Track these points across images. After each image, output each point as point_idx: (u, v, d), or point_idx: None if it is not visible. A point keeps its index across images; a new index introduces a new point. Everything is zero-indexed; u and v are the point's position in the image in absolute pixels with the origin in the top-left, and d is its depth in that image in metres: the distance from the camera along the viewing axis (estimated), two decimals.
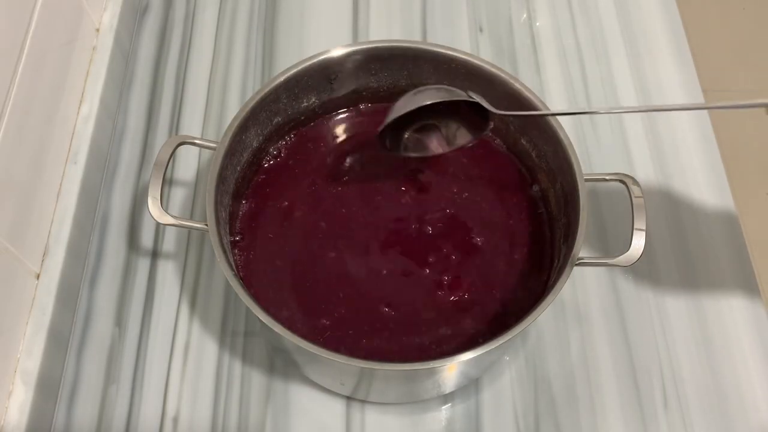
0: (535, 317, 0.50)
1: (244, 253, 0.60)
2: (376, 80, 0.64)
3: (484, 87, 0.62)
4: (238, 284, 0.51)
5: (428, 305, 0.58)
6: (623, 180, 0.56)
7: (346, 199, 0.62)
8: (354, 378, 0.56)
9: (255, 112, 0.59)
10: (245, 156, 0.61)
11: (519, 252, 0.60)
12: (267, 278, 0.59)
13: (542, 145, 0.60)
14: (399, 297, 0.58)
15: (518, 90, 0.59)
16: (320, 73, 0.61)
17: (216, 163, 0.56)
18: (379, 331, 0.57)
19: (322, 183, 0.63)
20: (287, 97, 0.61)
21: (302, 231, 0.61)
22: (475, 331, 0.57)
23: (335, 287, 0.58)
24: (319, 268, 0.59)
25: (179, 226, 0.56)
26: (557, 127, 0.57)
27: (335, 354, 0.49)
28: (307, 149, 0.65)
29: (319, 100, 0.64)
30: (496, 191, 0.63)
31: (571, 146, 0.56)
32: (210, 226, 0.53)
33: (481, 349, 0.49)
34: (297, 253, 0.60)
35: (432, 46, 0.62)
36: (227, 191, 0.58)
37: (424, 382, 0.56)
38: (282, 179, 0.63)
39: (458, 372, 0.55)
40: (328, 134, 0.66)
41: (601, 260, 0.55)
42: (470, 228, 0.61)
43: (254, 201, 0.62)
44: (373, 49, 0.62)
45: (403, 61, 0.63)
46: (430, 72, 0.63)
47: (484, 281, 0.59)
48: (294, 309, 0.57)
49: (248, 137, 0.60)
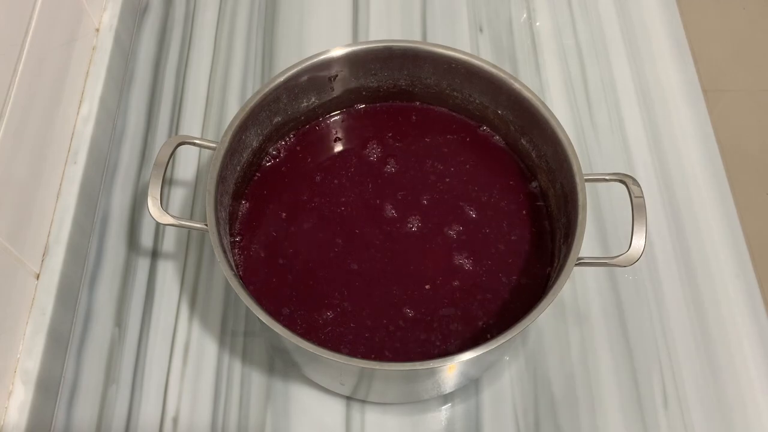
0: (535, 317, 0.50)
1: (244, 253, 0.60)
2: (376, 80, 0.64)
3: (484, 87, 0.62)
4: (238, 284, 0.51)
5: (431, 300, 0.58)
6: (623, 180, 0.56)
7: (347, 197, 0.62)
8: (354, 378, 0.56)
9: (255, 112, 0.59)
10: (245, 156, 0.61)
11: (519, 254, 0.60)
12: (267, 278, 0.59)
13: (542, 145, 0.60)
14: (401, 292, 0.58)
15: (518, 90, 0.59)
16: (320, 72, 0.61)
17: (216, 163, 0.56)
18: (382, 325, 0.57)
19: (323, 182, 0.63)
20: (287, 97, 0.61)
21: (303, 229, 0.61)
22: (477, 328, 0.57)
23: (337, 283, 0.59)
24: (321, 264, 0.59)
25: (179, 226, 0.56)
26: (557, 126, 0.57)
27: (334, 354, 0.49)
28: (307, 149, 0.65)
29: (319, 99, 0.64)
30: (496, 188, 0.63)
31: (571, 146, 0.56)
32: (210, 226, 0.53)
33: (480, 349, 0.49)
34: (298, 250, 0.60)
35: (432, 45, 0.62)
36: (227, 191, 0.58)
37: (424, 382, 0.56)
38: (282, 179, 0.63)
39: (458, 372, 0.55)
40: (328, 134, 0.66)
41: (601, 260, 0.55)
42: (470, 224, 0.61)
43: (254, 201, 0.62)
44: (372, 49, 0.62)
45: (403, 61, 0.63)
46: (430, 72, 0.63)
47: (486, 280, 0.59)
48: (294, 307, 0.57)
49: (248, 137, 0.60)
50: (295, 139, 0.65)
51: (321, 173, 0.64)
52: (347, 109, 0.66)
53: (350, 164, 0.64)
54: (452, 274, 0.59)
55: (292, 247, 0.60)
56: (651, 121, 0.74)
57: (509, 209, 0.62)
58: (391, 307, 0.58)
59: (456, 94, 0.64)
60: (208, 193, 0.54)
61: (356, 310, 0.58)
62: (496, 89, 0.61)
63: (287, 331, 0.49)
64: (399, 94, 0.66)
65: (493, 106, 0.63)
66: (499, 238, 0.61)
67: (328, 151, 0.65)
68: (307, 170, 0.64)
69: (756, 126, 1.50)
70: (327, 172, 0.64)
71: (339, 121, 0.66)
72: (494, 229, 0.61)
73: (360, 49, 0.61)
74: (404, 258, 0.60)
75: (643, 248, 0.53)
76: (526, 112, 0.60)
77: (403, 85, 0.65)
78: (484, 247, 0.60)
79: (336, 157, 0.65)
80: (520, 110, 0.61)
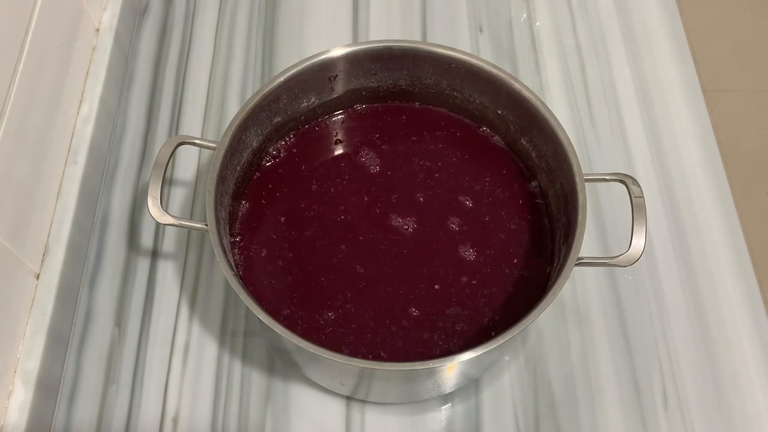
0: (535, 317, 0.50)
1: (244, 253, 0.60)
2: (376, 80, 0.64)
3: (484, 87, 0.62)
4: (238, 284, 0.51)
5: (432, 299, 0.58)
6: (623, 180, 0.56)
7: (348, 196, 0.62)
8: (354, 378, 0.56)
9: (255, 112, 0.59)
10: (245, 156, 0.61)
11: (520, 252, 0.60)
12: (267, 278, 0.59)
13: (542, 145, 0.60)
14: (402, 291, 0.58)
15: (518, 90, 0.59)
16: (320, 72, 0.61)
17: (216, 162, 0.56)
18: (384, 325, 0.57)
19: (323, 182, 0.63)
20: (287, 96, 0.61)
21: (303, 229, 0.61)
22: (481, 325, 0.57)
23: (338, 283, 0.59)
24: (322, 264, 0.59)
25: (179, 226, 0.56)
26: (557, 126, 0.57)
27: (335, 354, 0.49)
28: (308, 149, 0.65)
29: (319, 99, 0.64)
30: (496, 189, 0.63)
31: (571, 146, 0.56)
32: (210, 226, 0.53)
33: (480, 349, 0.49)
34: (298, 251, 0.60)
35: (432, 45, 0.62)
36: (227, 191, 0.58)
37: (424, 382, 0.56)
38: (282, 179, 0.63)
39: (458, 372, 0.55)
40: (328, 134, 0.66)
41: (601, 260, 0.55)
42: (470, 217, 0.61)
43: (254, 201, 0.62)
44: (372, 49, 0.62)
45: (403, 61, 0.63)
46: (430, 72, 0.63)
47: (486, 280, 0.59)
48: (295, 307, 0.57)
49: (248, 137, 0.60)
50: (296, 139, 0.65)
51: (320, 175, 0.64)
52: (347, 110, 0.67)
53: (349, 166, 0.64)
54: (458, 268, 0.59)
55: (292, 249, 0.60)
56: (651, 121, 0.74)
57: (509, 209, 0.62)
58: (394, 302, 0.58)
59: (456, 94, 0.64)
60: (208, 193, 0.54)
61: (359, 311, 0.58)
62: (495, 89, 0.61)
63: (287, 331, 0.49)
64: (399, 95, 0.66)
65: (493, 106, 0.63)
66: (500, 228, 0.61)
67: (327, 152, 0.65)
68: (306, 171, 0.64)
69: (756, 126, 1.50)
70: (326, 174, 0.64)
71: (339, 121, 0.66)
72: (494, 221, 0.61)
73: (360, 49, 0.61)
74: (409, 258, 0.60)
75: (643, 248, 0.53)
76: (525, 111, 0.60)
77: (403, 85, 0.65)
78: (486, 237, 0.60)
79: (335, 159, 0.65)
80: (519, 110, 0.61)
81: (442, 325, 0.57)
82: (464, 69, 0.61)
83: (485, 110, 0.64)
